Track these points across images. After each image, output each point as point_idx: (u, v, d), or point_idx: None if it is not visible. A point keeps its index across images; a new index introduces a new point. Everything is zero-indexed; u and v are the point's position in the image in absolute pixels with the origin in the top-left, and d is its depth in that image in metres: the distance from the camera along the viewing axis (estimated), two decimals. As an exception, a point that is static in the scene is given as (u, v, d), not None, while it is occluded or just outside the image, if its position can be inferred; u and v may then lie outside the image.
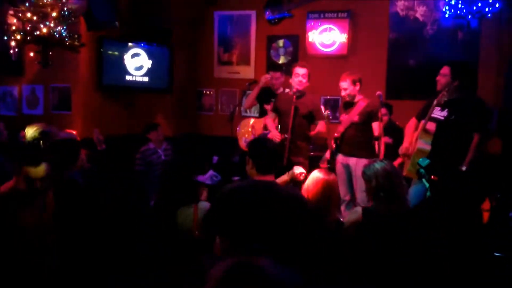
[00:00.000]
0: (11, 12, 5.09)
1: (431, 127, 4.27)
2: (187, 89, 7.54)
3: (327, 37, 6.80)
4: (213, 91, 7.59)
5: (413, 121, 4.73)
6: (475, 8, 5.72)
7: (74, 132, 4.93)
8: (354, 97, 4.98)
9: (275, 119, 5.30)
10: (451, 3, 5.85)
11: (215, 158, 7.00)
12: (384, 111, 5.46)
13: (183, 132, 7.46)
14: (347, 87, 4.93)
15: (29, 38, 4.89)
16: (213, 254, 2.86)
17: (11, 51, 5.90)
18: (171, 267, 2.91)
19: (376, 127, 4.88)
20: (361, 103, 4.97)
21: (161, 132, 6.02)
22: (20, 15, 4.88)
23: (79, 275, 2.73)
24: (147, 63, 6.73)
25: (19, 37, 4.89)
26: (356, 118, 4.93)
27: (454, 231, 3.73)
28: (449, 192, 4.00)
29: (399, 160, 5.41)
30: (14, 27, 4.99)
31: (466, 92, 4.41)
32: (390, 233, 2.98)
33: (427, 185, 3.75)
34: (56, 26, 4.88)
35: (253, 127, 6.20)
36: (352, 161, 4.93)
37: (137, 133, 6.21)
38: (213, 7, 7.41)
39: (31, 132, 4.01)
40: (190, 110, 7.63)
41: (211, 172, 6.52)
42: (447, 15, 6.03)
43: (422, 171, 3.79)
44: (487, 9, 5.69)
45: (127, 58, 6.54)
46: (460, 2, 5.77)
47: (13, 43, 5.02)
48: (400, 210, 3.03)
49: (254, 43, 7.32)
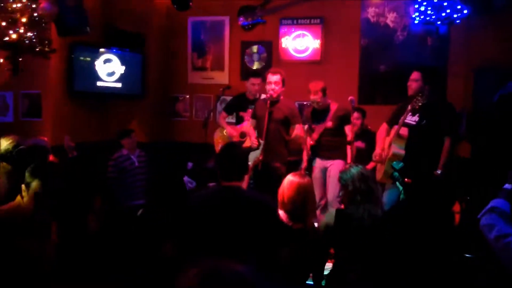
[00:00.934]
0: (-21, 17, 4.99)
1: (404, 132, 4.35)
2: (161, 95, 7.49)
3: (300, 43, 6.86)
4: (187, 97, 7.56)
5: (384, 127, 4.81)
6: (444, 14, 5.83)
7: (45, 139, 4.84)
8: (325, 105, 5.11)
9: (254, 125, 5.34)
10: (420, 9, 5.96)
11: (190, 164, 6.97)
12: (356, 115, 5.55)
13: (157, 138, 7.41)
14: (320, 100, 5.11)
15: (-2, 44, 4.79)
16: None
17: (-20, 58, 5.81)
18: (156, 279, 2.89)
19: (348, 131, 4.98)
20: (332, 106, 5.08)
21: (135, 138, 5.97)
22: (-12, 20, 4.78)
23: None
24: (119, 69, 6.67)
25: (-13, 43, 4.78)
26: (329, 124, 5.00)
27: (426, 232, 3.79)
28: (421, 194, 4.08)
29: (372, 164, 5.49)
30: (-18, 33, 4.89)
31: (436, 96, 4.51)
32: (366, 235, 3.01)
33: (401, 188, 3.80)
34: (26, 31, 4.79)
35: (230, 134, 6.21)
36: (329, 163, 5.07)
37: (110, 139, 6.14)
38: (187, 13, 7.39)
39: (5, 144, 3.91)
40: (164, 116, 7.58)
41: (185, 178, 6.51)
42: (416, 21, 6.14)
43: (396, 174, 3.85)
44: (455, 15, 5.82)
45: (99, 64, 6.47)
46: (429, 8, 5.88)
47: (-19, 50, 4.92)
48: (376, 212, 3.07)
49: (228, 49, 7.33)
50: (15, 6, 4.74)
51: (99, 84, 6.50)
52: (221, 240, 2.68)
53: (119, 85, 6.69)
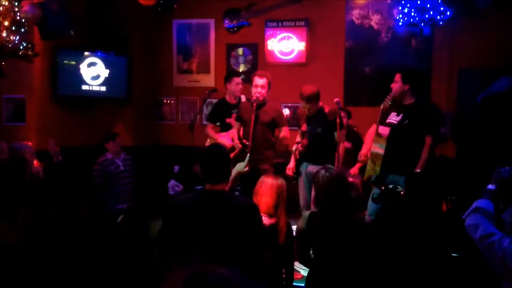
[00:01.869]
0: (-39, 21, 4.93)
1: (384, 131, 4.39)
2: (146, 98, 7.45)
3: (286, 45, 6.87)
4: (173, 100, 7.53)
5: (373, 128, 4.83)
6: (427, 16, 5.89)
7: (29, 143, 4.79)
8: (317, 109, 5.02)
9: (240, 128, 5.31)
10: (404, 11, 6.01)
11: (177, 167, 6.94)
12: (342, 114, 5.54)
13: (143, 141, 7.37)
14: (311, 107, 4.94)
15: (-20, 48, 4.74)
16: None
17: (-38, 62, 5.73)
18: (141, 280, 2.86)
19: (338, 136, 4.95)
20: (325, 110, 5.02)
21: (119, 142, 5.92)
22: (-30, 24, 4.73)
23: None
24: (104, 72, 6.63)
25: (-31, 47, 4.73)
26: (319, 130, 4.98)
27: (414, 232, 3.81)
28: (408, 195, 4.10)
29: (359, 164, 5.52)
30: (-36, 37, 4.83)
31: (417, 96, 4.55)
32: (336, 238, 3.01)
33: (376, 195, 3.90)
34: (8, 35, 4.74)
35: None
36: (316, 169, 4.97)
37: (96, 144, 6.09)
38: (171, 16, 7.37)
39: None
40: (150, 119, 7.54)
41: (172, 182, 6.47)
42: (400, 23, 6.19)
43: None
44: (438, 17, 5.88)
45: (83, 67, 6.42)
46: (413, 10, 5.93)
47: (-36, 54, 4.86)
48: (341, 217, 3.04)
49: (213, 52, 7.32)
50: (-3, 9, 4.70)
51: (84, 87, 6.45)
52: (205, 244, 2.67)
53: (104, 89, 6.64)
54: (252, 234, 2.73)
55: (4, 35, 4.72)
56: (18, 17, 4.82)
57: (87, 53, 6.46)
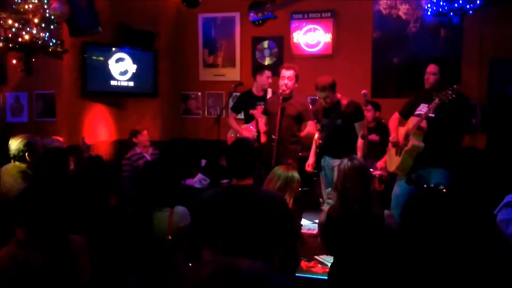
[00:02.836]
0: (-8, 19, 5.04)
1: (424, 124, 4.30)
2: (173, 93, 7.51)
3: (312, 37, 6.82)
4: (199, 94, 7.57)
5: (396, 116, 4.76)
6: (456, 5, 5.77)
7: (60, 139, 4.88)
8: (335, 101, 4.94)
9: (266, 121, 5.30)
10: (433, 0, 5.90)
11: (203, 161, 6.99)
12: (369, 107, 5.47)
13: (170, 136, 7.43)
14: (327, 97, 4.88)
15: (11, 45, 4.82)
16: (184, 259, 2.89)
17: (-6, 59, 5.87)
18: (145, 271, 2.89)
19: (359, 127, 4.87)
20: (343, 102, 4.95)
21: (147, 136, 5.99)
22: (1, 22, 4.81)
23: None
24: (131, 68, 6.70)
25: (1, 44, 4.82)
26: (339, 122, 4.91)
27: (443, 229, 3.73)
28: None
29: (385, 158, 5.45)
30: (-5, 35, 4.94)
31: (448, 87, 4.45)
32: (346, 231, 2.98)
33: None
34: (38, 32, 4.82)
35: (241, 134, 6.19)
36: (336, 162, 4.86)
37: (124, 138, 6.17)
38: (197, 10, 7.39)
39: (15, 144, 3.93)
40: (176, 113, 7.60)
41: (199, 175, 6.52)
42: (429, 13, 6.09)
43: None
44: (468, 6, 5.76)
45: (112, 63, 6.50)
46: (442, -1, 5.83)
47: (-5, 51, 4.97)
48: (358, 208, 3.00)
49: (239, 45, 7.32)
50: (27, 7, 4.78)
51: (112, 83, 6.54)
52: (233, 238, 2.68)
53: (131, 84, 6.72)
54: (280, 227, 2.73)
55: (34, 32, 4.80)
56: (47, 14, 4.89)
57: (115, 49, 6.54)
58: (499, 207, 2.40)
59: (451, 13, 5.90)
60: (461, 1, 5.73)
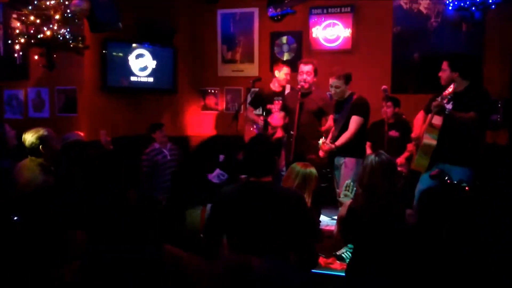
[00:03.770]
0: (15, 15, 5.10)
1: (437, 121, 4.24)
2: (191, 88, 7.54)
3: (331, 32, 6.78)
4: (218, 89, 7.59)
5: (421, 114, 4.71)
6: (478, -1, 5.69)
7: (81, 133, 4.94)
8: (347, 95, 4.79)
9: (285, 117, 5.29)
10: (454, -5, 5.83)
11: (221, 156, 7.00)
12: (389, 103, 5.42)
13: (188, 131, 7.47)
14: (340, 85, 4.71)
15: (33, 41, 4.88)
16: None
17: (16, 55, 5.94)
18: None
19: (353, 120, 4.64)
20: (354, 97, 4.80)
21: (165, 132, 6.03)
22: (23, 18, 4.88)
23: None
24: (151, 64, 6.74)
25: (23, 40, 4.89)
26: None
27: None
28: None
29: (406, 154, 5.41)
30: (18, 31, 5.00)
31: (468, 82, 4.37)
32: (368, 227, 2.96)
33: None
34: (59, 28, 4.88)
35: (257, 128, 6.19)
36: (341, 160, 4.76)
37: (143, 133, 6.21)
38: (215, 6, 7.41)
39: (29, 138, 3.98)
40: (195, 109, 7.64)
41: (218, 171, 6.54)
42: (450, 7, 6.02)
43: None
44: (490, 1, 5.67)
45: (132, 59, 6.55)
46: (463, -7, 5.75)
47: (17, 47, 5.03)
48: (381, 205, 2.98)
49: (257, 41, 7.31)
50: (48, 3, 4.84)
51: (132, 79, 6.58)
52: (251, 235, 2.68)
53: (151, 80, 6.76)
54: (298, 224, 2.72)
55: (55, 28, 4.86)
56: (68, 11, 4.94)
57: (135, 45, 6.58)
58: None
59: (473, 8, 5.83)
60: (483, -4, 5.65)
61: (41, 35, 4.84)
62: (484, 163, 4.43)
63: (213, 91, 7.62)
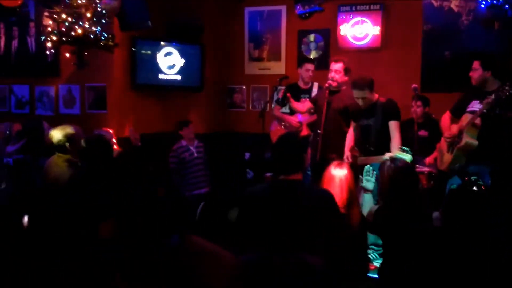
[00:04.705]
0: (46, 13, 5.21)
1: (478, 121, 4.17)
2: (218, 86, 7.57)
3: (359, 30, 6.71)
4: (244, 87, 7.60)
5: (447, 115, 4.63)
6: (512, -3, 5.57)
7: (110, 130, 5.01)
8: (373, 102, 4.62)
9: (311, 110, 5.29)
10: (486, -8, 5.71)
11: (247, 154, 7.01)
12: (418, 103, 5.33)
13: (215, 129, 7.50)
14: (366, 95, 4.51)
15: (64, 39, 4.96)
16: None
17: (47, 52, 6.06)
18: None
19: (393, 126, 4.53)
20: (381, 101, 4.66)
21: (192, 129, 6.07)
22: (55, 16, 4.97)
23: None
24: (179, 62, 6.78)
25: (54, 38, 4.97)
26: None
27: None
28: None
29: (435, 154, 5.32)
30: (49, 29, 5.09)
31: (500, 82, 4.29)
32: (395, 233, 2.92)
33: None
34: (90, 26, 4.95)
35: (284, 125, 6.18)
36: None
37: (171, 131, 6.27)
38: (243, 3, 7.42)
39: (56, 135, 4.05)
40: (221, 107, 7.67)
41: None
42: (482, 5, 5.89)
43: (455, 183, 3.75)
44: (524, -2, 5.54)
45: (160, 57, 6.60)
46: (496, -9, 5.63)
47: (49, 44, 5.12)
48: (406, 211, 2.93)
49: (284, 39, 7.29)
50: (80, 1, 4.91)
51: (161, 76, 6.64)
52: (280, 233, 2.67)
53: (179, 78, 6.80)
54: (328, 223, 2.71)
55: (86, 26, 4.93)
56: (99, 9, 5.01)
57: (163, 43, 6.63)
58: None
59: (506, 6, 5.69)
60: (516, -7, 5.52)
61: (73, 33, 4.91)
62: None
63: (239, 89, 7.63)
